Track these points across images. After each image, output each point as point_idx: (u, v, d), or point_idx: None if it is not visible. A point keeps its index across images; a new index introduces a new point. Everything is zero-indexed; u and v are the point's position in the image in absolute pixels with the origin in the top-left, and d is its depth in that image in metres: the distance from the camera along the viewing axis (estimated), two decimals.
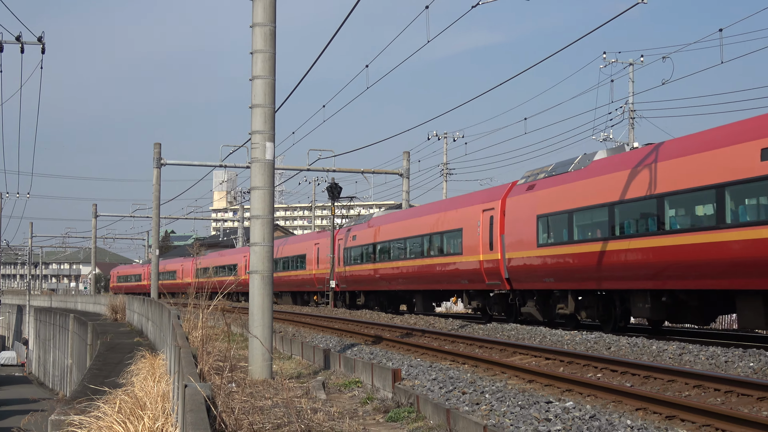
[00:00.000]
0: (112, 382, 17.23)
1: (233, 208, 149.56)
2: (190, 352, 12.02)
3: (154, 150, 49.09)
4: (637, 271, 24.01)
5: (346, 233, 49.44)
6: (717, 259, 20.98)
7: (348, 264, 48.64)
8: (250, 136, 18.65)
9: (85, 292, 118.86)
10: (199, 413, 7.28)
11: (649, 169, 23.56)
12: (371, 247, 44.97)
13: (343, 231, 50.75)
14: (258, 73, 18.47)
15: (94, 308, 71.73)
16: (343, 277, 49.44)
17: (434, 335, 26.08)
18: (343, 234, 50.26)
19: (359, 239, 46.88)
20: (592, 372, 16.86)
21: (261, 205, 18.57)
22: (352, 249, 48.00)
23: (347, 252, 48.78)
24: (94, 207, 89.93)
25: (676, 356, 18.27)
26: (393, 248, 42.24)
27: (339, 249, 50.20)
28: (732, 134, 21.17)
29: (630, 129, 51.61)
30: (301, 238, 62.57)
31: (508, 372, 17.33)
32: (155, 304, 31.68)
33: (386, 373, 15.77)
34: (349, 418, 13.47)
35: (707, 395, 13.66)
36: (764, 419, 11.01)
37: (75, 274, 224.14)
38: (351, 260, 48.21)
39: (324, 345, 24.38)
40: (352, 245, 47.95)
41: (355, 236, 47.53)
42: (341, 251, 49.67)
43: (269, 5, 18.41)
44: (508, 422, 11.67)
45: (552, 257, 27.71)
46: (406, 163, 53.00)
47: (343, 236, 49.98)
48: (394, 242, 42.15)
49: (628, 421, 11.50)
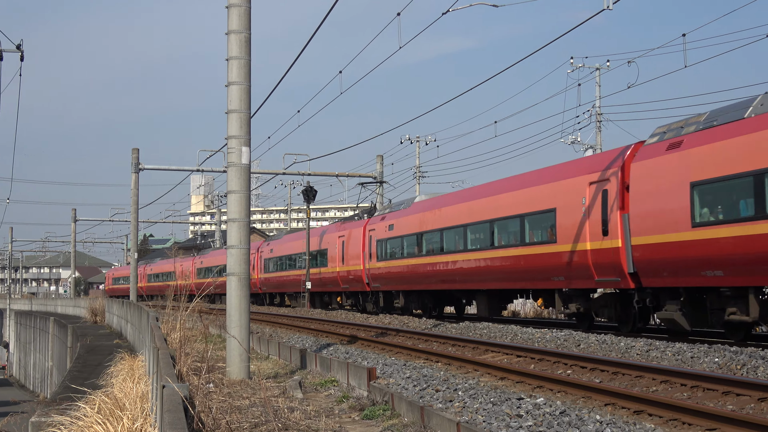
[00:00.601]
0: (92, 384, 17.39)
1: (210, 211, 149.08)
2: (168, 353, 12.23)
3: (133, 155, 49.22)
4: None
5: (379, 222, 42.09)
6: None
7: (383, 258, 41.02)
8: (227, 141, 18.85)
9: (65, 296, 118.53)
10: (177, 413, 7.39)
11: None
12: (415, 238, 37.59)
13: (374, 221, 43.21)
14: (233, 79, 18.69)
15: (74, 311, 71.70)
16: (375, 275, 41.88)
17: (408, 334, 26.32)
18: (375, 223, 42.75)
19: (398, 229, 39.54)
20: (562, 369, 17.14)
21: (237, 208, 18.78)
22: (388, 241, 40.52)
23: (381, 245, 41.18)
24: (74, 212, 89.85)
25: (644, 352, 18.58)
26: (447, 238, 34.78)
27: (369, 241, 42.71)
28: None
29: (597, 132, 52.03)
30: (320, 230, 53.92)
31: (481, 369, 17.58)
32: (134, 306, 31.83)
33: (361, 372, 16.02)
34: (325, 416, 13.68)
35: (674, 390, 13.89)
36: (729, 413, 11.28)
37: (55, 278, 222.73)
38: (386, 254, 40.66)
39: (300, 345, 24.59)
40: (388, 236, 40.62)
41: (392, 225, 40.19)
42: (372, 244, 42.21)
43: (244, 13, 18.63)
44: (480, 419, 11.88)
45: (720, 241, 20.17)
46: (380, 166, 53.38)
47: (375, 226, 42.48)
48: (448, 231, 34.61)
49: (598, 416, 11.75)
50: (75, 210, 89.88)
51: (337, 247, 47.32)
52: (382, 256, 40.95)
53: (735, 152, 19.93)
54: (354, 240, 45.04)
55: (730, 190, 20.17)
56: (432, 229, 35.93)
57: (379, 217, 42.79)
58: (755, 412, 11.99)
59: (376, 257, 41.63)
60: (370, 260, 42.32)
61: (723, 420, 11.06)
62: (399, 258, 39.01)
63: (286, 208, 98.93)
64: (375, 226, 42.36)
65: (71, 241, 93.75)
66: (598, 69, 52.59)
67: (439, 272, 35.03)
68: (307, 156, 50.90)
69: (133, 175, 49.57)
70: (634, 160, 23.27)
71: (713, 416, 11.24)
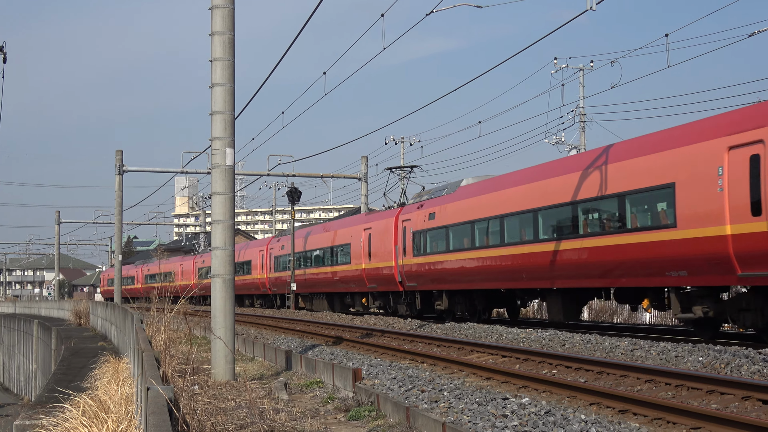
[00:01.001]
0: (76, 387, 17.35)
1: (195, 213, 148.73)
2: (153, 355, 12.21)
3: (116, 157, 49.13)
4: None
5: (416, 211, 36.35)
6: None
7: (421, 253, 35.40)
8: (211, 143, 18.83)
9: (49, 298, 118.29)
10: (162, 415, 7.38)
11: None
12: (464, 228, 32.01)
13: (409, 209, 37.51)
14: (217, 81, 18.67)
15: (58, 314, 71.58)
16: (411, 272, 36.27)
17: (394, 335, 26.33)
18: (410, 213, 37.08)
19: (441, 217, 33.84)
20: (547, 368, 17.18)
21: (222, 210, 18.77)
22: (428, 232, 34.81)
23: (419, 237, 35.51)
24: (57, 214, 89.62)
25: (628, 352, 18.64)
26: (509, 226, 29.03)
27: (403, 233, 37.20)
28: None
29: (581, 132, 52.18)
30: (340, 223, 47.99)
31: (466, 370, 17.60)
32: (118, 308, 31.75)
33: (347, 372, 16.02)
34: (311, 417, 13.67)
35: (658, 389, 13.94)
36: (713, 412, 11.33)
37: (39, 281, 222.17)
38: (425, 248, 35.06)
39: (286, 346, 24.58)
40: (428, 227, 34.87)
41: (433, 214, 34.52)
42: (407, 236, 36.64)
43: (228, 14, 18.61)
44: (466, 419, 11.90)
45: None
46: (365, 167, 53.38)
47: (410, 216, 36.84)
48: (511, 217, 28.89)
49: (582, 415, 11.78)
50: (59, 212, 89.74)
51: (363, 241, 41.58)
52: (420, 250, 35.48)
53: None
54: (384, 232, 39.39)
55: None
56: (488, 217, 30.20)
57: (416, 205, 37.01)
58: (739, 410, 12.04)
59: (412, 251, 36.15)
60: (404, 255, 36.80)
61: (707, 419, 11.10)
62: (443, 252, 33.46)
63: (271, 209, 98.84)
64: (410, 215, 36.79)
65: (55, 244, 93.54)
66: (581, 69, 52.72)
67: (498, 268, 29.50)
68: (291, 157, 50.95)
69: (116, 177, 49.45)
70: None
71: (697, 415, 11.28)
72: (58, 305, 76.90)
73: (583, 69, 52.57)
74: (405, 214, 37.53)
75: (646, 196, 22.47)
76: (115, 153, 49.07)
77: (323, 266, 47.91)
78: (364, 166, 53.41)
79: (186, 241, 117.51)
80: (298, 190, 54.01)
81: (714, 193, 19.84)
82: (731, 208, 19.40)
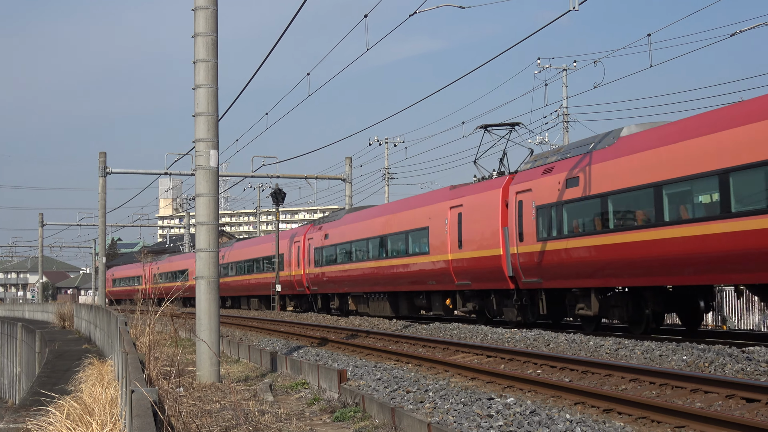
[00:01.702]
0: (61, 389, 17.32)
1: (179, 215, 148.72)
2: (137, 357, 12.19)
3: (100, 159, 49.11)
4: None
5: (539, 179, 26.90)
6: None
7: (547, 237, 26.07)
8: (195, 144, 18.79)
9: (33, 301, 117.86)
10: (146, 418, 7.38)
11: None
12: (628, 197, 22.81)
13: (525, 177, 27.97)
14: (200, 82, 18.63)
15: (42, 316, 71.38)
16: (530, 264, 26.93)
17: (379, 336, 26.32)
18: (527, 181, 27.61)
19: (587, 184, 24.32)
20: (532, 368, 17.21)
21: (206, 211, 18.73)
22: (564, 208, 25.23)
23: (544, 216, 26.12)
24: (41, 216, 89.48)
25: (613, 351, 18.69)
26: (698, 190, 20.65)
27: (517, 211, 27.73)
28: None
29: (565, 132, 52.36)
30: (413, 202, 37.05)
31: (451, 370, 17.62)
32: (102, 311, 31.70)
33: (332, 374, 16.02)
34: (296, 419, 13.67)
35: (643, 388, 13.98)
36: (697, 410, 11.36)
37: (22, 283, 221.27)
38: (555, 230, 25.55)
39: (271, 348, 24.54)
40: (561, 200, 25.41)
41: (572, 180, 25.01)
42: (525, 215, 27.33)
43: (211, 15, 18.58)
44: (451, 419, 11.90)
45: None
46: (349, 168, 53.44)
47: (529, 185, 27.35)
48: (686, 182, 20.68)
49: (567, 415, 11.80)
50: (42, 214, 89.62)
51: (449, 224, 32.07)
52: (545, 233, 26.22)
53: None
54: (483, 210, 29.87)
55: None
56: (673, 179, 21.10)
57: (538, 170, 27.36)
58: (723, 409, 12.08)
59: (532, 235, 26.83)
60: (520, 241, 27.41)
61: (691, 417, 11.13)
62: (590, 234, 24.09)
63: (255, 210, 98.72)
64: (529, 185, 27.32)
65: (39, 246, 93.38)
66: (564, 69, 52.90)
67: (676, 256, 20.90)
68: (275, 158, 51.06)
69: (100, 179, 49.41)
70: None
71: (682, 414, 11.31)
72: (42, 308, 76.75)
73: (567, 69, 52.80)
74: (519, 183, 28.18)
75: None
76: (98, 155, 49.02)
77: (384, 259, 38.10)
78: (349, 167, 53.47)
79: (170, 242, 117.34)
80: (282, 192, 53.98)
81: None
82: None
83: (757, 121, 18.81)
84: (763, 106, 19.17)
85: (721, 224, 19.38)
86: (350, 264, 41.78)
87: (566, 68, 52.91)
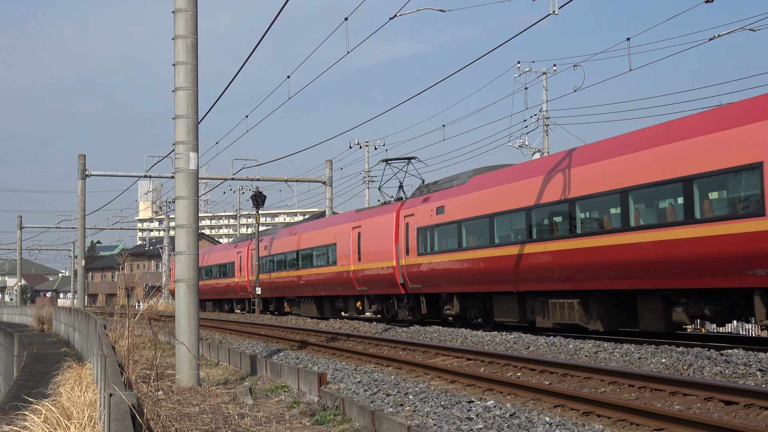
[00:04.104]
0: (39, 393, 17.20)
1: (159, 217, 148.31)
2: (116, 360, 12.13)
3: (79, 161, 48.96)
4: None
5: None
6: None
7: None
8: (174, 147, 18.74)
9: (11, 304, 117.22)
10: (124, 421, 7.30)
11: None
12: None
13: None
14: (180, 85, 18.58)
15: (21, 319, 71.00)
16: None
17: (359, 339, 26.31)
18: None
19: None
20: (512, 371, 17.24)
21: (186, 214, 18.67)
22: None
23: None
24: (19, 219, 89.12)
25: (592, 354, 18.74)
26: None
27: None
28: None
29: (545, 135, 52.48)
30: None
31: (431, 373, 17.63)
32: (81, 314, 31.57)
33: (312, 377, 15.99)
34: (276, 422, 13.64)
35: (622, 391, 14.02)
36: (676, 413, 11.40)
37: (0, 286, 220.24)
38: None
39: (251, 351, 24.50)
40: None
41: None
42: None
43: (191, 18, 18.53)
44: (431, 422, 11.90)
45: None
46: (329, 171, 53.44)
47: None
48: None
49: (547, 417, 11.82)
50: (20, 217, 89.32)
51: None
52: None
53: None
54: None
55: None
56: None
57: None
58: (702, 411, 12.13)
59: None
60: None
61: (670, 420, 11.17)
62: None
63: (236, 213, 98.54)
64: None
65: (17, 249, 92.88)
66: (545, 73, 53.04)
67: None
68: (256, 161, 51.08)
69: (79, 182, 49.26)
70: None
71: (661, 416, 11.34)
72: (21, 311, 76.37)
73: (547, 73, 52.94)
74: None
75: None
76: (77, 157, 48.88)
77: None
78: (329, 170, 53.46)
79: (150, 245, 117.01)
80: (262, 194, 53.95)
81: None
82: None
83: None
84: None
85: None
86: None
87: (546, 72, 53.06)
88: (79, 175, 49.01)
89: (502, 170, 28.49)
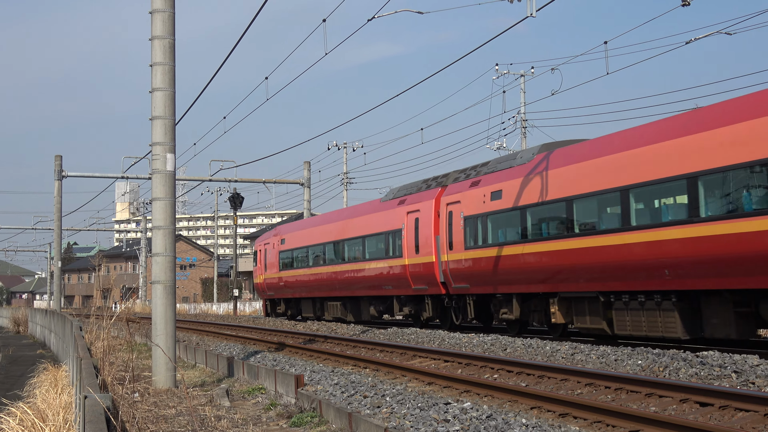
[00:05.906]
0: (14, 395, 17.12)
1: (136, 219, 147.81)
2: (92, 362, 12.08)
3: (55, 162, 48.70)
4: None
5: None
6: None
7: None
8: (151, 148, 18.69)
9: None
10: (99, 424, 7.27)
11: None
12: None
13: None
14: (158, 86, 18.53)
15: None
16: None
17: (336, 341, 26.30)
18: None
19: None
20: (489, 373, 17.27)
21: (163, 215, 18.61)
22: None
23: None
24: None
25: (569, 356, 18.80)
26: None
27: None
28: None
29: (522, 138, 52.64)
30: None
31: (409, 375, 17.64)
32: (57, 315, 31.44)
33: (289, 379, 15.97)
34: (252, 424, 13.61)
35: (598, 393, 14.05)
36: (651, 414, 11.44)
37: None
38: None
39: (228, 353, 24.45)
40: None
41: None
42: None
43: (168, 18, 18.48)
44: (408, 424, 11.90)
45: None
46: (307, 172, 53.32)
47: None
48: None
49: (524, 419, 11.83)
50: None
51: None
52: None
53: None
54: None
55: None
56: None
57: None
58: (677, 412, 12.18)
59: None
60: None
61: (646, 421, 11.20)
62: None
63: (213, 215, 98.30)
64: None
65: None
66: (522, 76, 53.21)
67: None
68: (233, 162, 50.71)
69: (56, 183, 49.03)
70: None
71: (636, 418, 11.38)
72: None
73: (524, 75, 53.11)
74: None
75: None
76: (54, 158, 48.60)
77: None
78: (307, 172, 53.35)
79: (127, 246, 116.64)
80: (240, 196, 53.94)
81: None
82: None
83: None
84: None
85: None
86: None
87: (524, 74, 53.24)
88: (55, 176, 48.76)
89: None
